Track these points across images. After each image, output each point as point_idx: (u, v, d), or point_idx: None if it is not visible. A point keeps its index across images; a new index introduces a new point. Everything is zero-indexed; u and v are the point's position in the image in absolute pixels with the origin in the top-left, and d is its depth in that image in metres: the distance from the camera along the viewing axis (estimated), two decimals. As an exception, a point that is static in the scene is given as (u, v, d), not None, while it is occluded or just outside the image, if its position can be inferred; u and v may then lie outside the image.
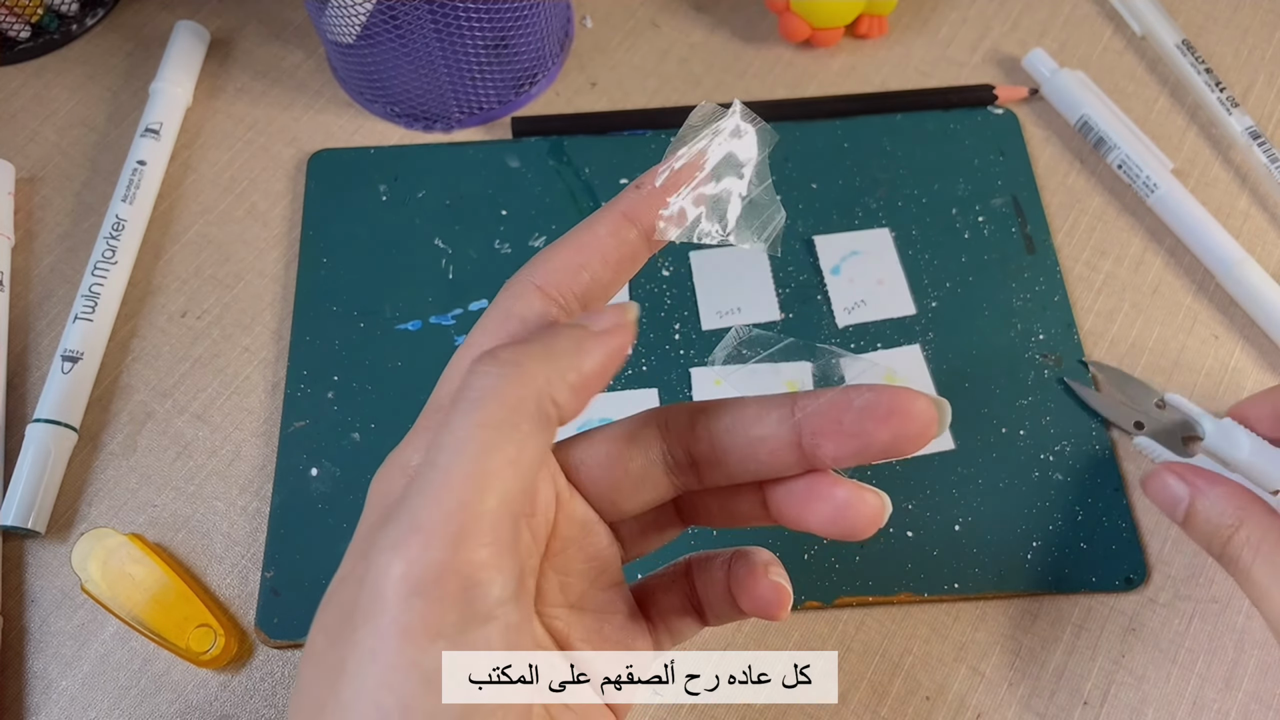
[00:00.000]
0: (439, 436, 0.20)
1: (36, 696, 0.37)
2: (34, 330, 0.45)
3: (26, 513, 0.39)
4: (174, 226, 0.48)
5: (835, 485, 0.24)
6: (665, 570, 0.28)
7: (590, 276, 0.23)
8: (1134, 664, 0.37)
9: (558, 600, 0.25)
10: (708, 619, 0.28)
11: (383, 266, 0.45)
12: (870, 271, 0.44)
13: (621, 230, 0.23)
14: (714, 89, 0.51)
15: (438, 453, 0.19)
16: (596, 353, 0.21)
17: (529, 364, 0.20)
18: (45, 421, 0.41)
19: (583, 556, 0.25)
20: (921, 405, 0.23)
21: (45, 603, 0.39)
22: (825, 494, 0.24)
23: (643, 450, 0.25)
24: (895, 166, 0.47)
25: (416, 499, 0.19)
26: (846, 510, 0.24)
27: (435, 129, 0.50)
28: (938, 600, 0.38)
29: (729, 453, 0.24)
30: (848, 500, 0.24)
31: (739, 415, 0.24)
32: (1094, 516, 0.39)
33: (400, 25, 0.44)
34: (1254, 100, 0.50)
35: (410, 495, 0.19)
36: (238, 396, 0.43)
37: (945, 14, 0.53)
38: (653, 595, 0.28)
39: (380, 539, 0.19)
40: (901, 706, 0.37)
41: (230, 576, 0.39)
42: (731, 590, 0.26)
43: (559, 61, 0.51)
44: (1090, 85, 0.48)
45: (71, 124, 0.51)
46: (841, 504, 0.24)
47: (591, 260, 0.23)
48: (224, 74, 0.52)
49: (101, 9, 0.54)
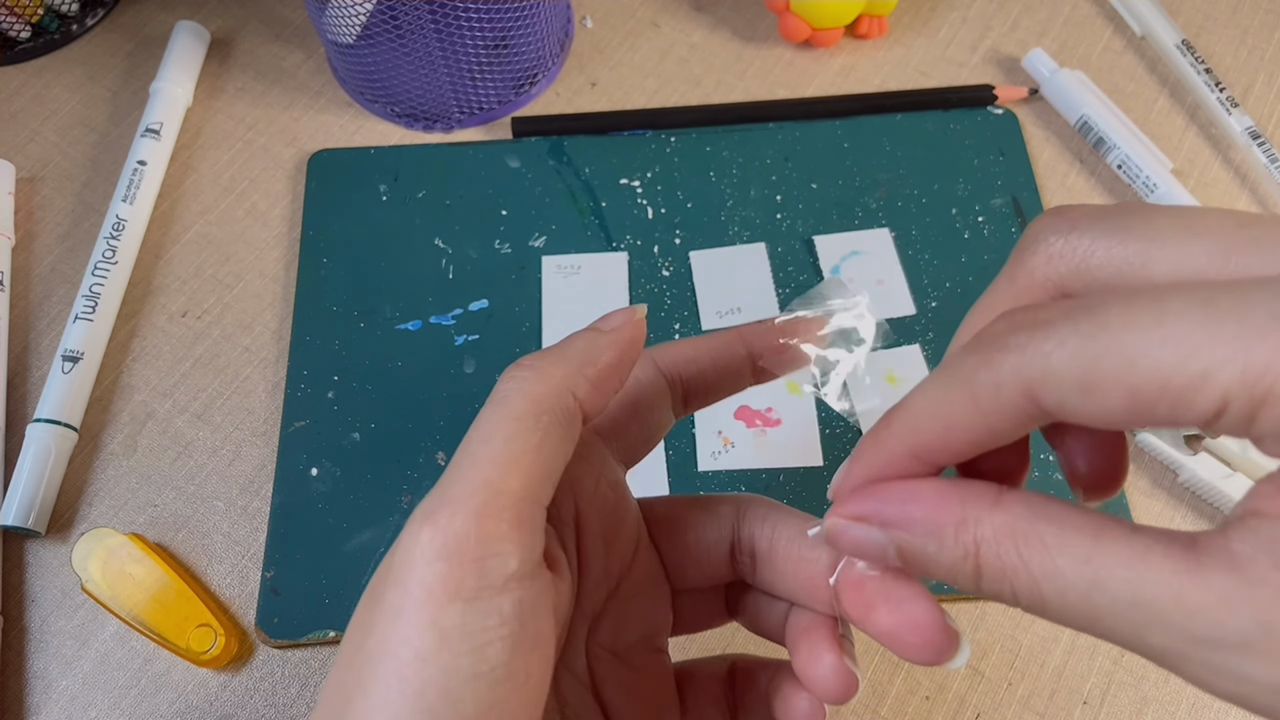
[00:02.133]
0: (472, 430, 0.22)
1: (37, 696, 0.37)
2: (34, 330, 0.45)
3: (27, 513, 0.39)
4: (174, 226, 0.48)
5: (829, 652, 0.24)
6: (708, 661, 0.29)
7: (698, 370, 0.26)
8: (1133, 664, 0.37)
9: (608, 642, 0.26)
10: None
11: (383, 266, 0.45)
12: (870, 271, 0.44)
13: (734, 346, 0.26)
14: (714, 89, 0.51)
15: (468, 443, 0.22)
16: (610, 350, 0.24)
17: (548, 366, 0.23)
18: (46, 421, 0.41)
19: (643, 608, 0.27)
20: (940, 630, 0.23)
21: (46, 602, 0.39)
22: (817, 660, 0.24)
23: (714, 523, 0.27)
24: (895, 166, 0.47)
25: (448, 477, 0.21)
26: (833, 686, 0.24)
27: (435, 129, 0.50)
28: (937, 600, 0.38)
29: (777, 557, 0.26)
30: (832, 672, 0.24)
31: (797, 530, 0.26)
32: (1094, 516, 0.39)
33: (400, 25, 0.44)
34: (1254, 100, 0.50)
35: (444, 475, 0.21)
36: (238, 396, 0.43)
37: (945, 14, 0.53)
38: (691, 679, 0.28)
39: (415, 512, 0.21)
40: (901, 706, 0.37)
41: (230, 576, 0.39)
42: (771, 701, 0.26)
43: (559, 61, 0.51)
44: (1090, 85, 0.48)
45: (72, 124, 0.51)
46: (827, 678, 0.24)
47: (702, 357, 0.26)
48: (224, 74, 0.52)
49: (102, 9, 0.54)
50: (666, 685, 0.28)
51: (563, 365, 0.23)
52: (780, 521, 0.26)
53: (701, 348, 0.27)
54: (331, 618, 0.38)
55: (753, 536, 0.26)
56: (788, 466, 0.40)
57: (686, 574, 0.27)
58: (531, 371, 0.23)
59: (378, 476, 0.40)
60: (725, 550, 0.27)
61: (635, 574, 0.26)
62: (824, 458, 0.40)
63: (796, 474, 0.40)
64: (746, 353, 0.27)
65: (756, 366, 0.27)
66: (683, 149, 0.48)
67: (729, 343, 0.27)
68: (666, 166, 0.47)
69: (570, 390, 0.23)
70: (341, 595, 0.38)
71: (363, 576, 0.38)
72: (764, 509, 0.26)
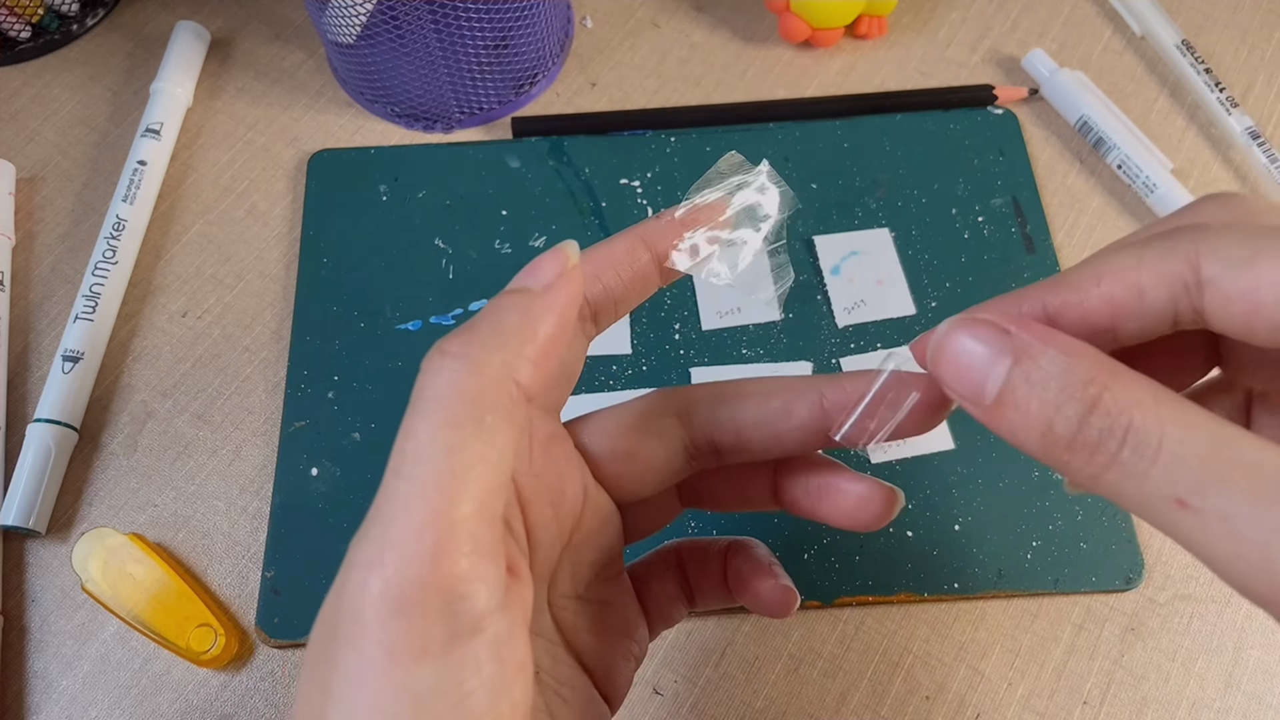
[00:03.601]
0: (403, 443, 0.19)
1: (37, 696, 0.37)
2: (35, 330, 0.45)
3: (27, 512, 0.39)
4: (174, 226, 0.48)
5: (853, 481, 0.25)
6: (655, 557, 0.28)
7: (603, 287, 0.23)
8: (1133, 663, 0.37)
9: (568, 590, 0.25)
10: (696, 603, 0.28)
11: (383, 266, 0.45)
12: (870, 271, 0.44)
13: (637, 251, 0.24)
14: (714, 89, 0.51)
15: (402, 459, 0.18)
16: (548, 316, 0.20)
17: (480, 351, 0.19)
18: (46, 421, 0.41)
19: (597, 547, 0.25)
20: (939, 393, 0.23)
21: (46, 602, 0.39)
22: (843, 488, 0.25)
23: (664, 443, 0.25)
24: (895, 166, 0.47)
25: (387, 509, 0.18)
26: (864, 505, 0.24)
27: (435, 129, 0.50)
28: (937, 600, 0.38)
29: (754, 442, 0.25)
30: (865, 495, 0.24)
31: (766, 409, 0.25)
32: (1093, 516, 0.39)
33: (400, 25, 0.44)
34: (1253, 100, 0.50)
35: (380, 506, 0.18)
36: (238, 396, 0.43)
37: (945, 14, 0.53)
38: (646, 583, 0.28)
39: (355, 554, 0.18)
40: (901, 706, 0.37)
41: (230, 576, 0.39)
42: (730, 584, 0.26)
43: (559, 62, 0.51)
44: (1090, 85, 0.48)
45: (72, 124, 0.51)
46: (858, 499, 0.24)
47: (605, 272, 0.23)
48: (224, 74, 0.52)
49: (102, 9, 0.54)
50: (630, 602, 0.27)
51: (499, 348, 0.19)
52: (737, 412, 0.25)
53: (603, 262, 0.23)
54: (332, 617, 0.38)
55: (711, 438, 0.25)
56: (788, 466, 0.40)
57: (642, 493, 0.25)
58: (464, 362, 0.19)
59: (378, 476, 0.40)
60: (681, 459, 0.25)
61: (586, 521, 0.24)
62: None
63: (796, 474, 0.40)
64: (650, 255, 0.24)
65: (663, 268, 0.24)
66: (683, 149, 0.48)
67: (630, 249, 0.24)
68: (666, 166, 0.47)
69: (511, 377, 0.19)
70: (342, 595, 0.38)
71: (363, 576, 0.38)
72: (709, 408, 0.25)
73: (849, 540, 0.39)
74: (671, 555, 0.28)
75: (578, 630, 0.25)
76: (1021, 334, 0.18)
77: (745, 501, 0.27)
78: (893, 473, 0.40)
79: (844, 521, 0.25)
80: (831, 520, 0.25)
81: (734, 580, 0.26)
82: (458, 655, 0.18)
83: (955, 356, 0.19)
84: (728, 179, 0.25)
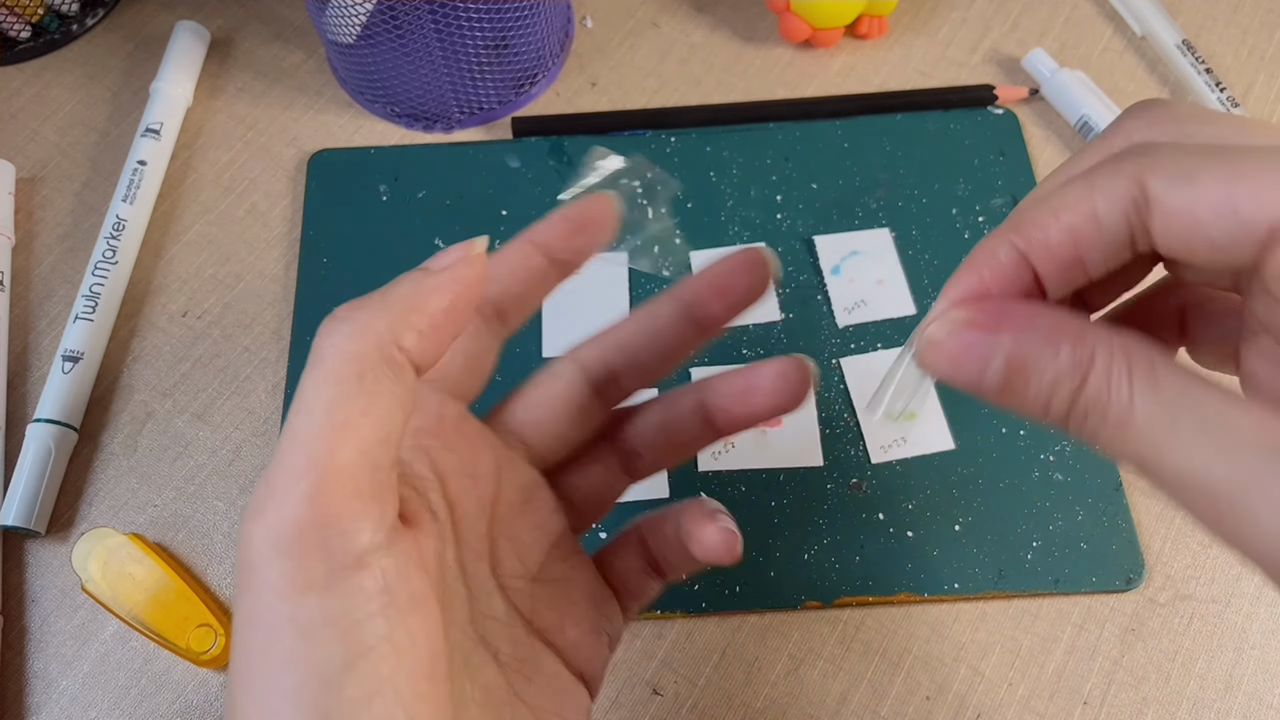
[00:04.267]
0: (294, 401, 0.20)
1: (37, 696, 0.37)
2: (35, 330, 0.45)
3: (27, 512, 0.39)
4: (174, 226, 0.48)
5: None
6: (618, 539, 0.29)
7: (501, 288, 0.26)
8: (1134, 664, 0.37)
9: (517, 570, 0.26)
10: (667, 575, 0.29)
11: (383, 266, 0.45)
12: (870, 272, 0.44)
13: (529, 253, 0.26)
14: (714, 89, 0.51)
15: (291, 415, 0.20)
16: (440, 293, 0.22)
17: (365, 316, 0.20)
18: (46, 421, 0.41)
19: (531, 523, 0.26)
20: None
21: (46, 602, 0.39)
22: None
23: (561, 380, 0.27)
24: (895, 166, 0.47)
25: (272, 463, 0.19)
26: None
27: (435, 129, 0.50)
28: (937, 600, 0.38)
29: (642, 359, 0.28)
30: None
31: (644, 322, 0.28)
32: (1094, 516, 0.39)
33: (400, 25, 0.44)
34: (1254, 100, 0.50)
35: (269, 464, 0.20)
36: (238, 396, 0.43)
37: (945, 14, 0.53)
38: (611, 564, 0.29)
39: (248, 507, 0.19)
40: (901, 706, 0.37)
41: (230, 576, 0.39)
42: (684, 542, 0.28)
43: (559, 62, 0.51)
44: (1090, 85, 0.48)
45: (72, 124, 0.51)
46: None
47: (502, 275, 0.26)
48: (224, 74, 0.52)
49: (102, 9, 0.54)
50: (594, 582, 0.28)
51: (384, 314, 0.21)
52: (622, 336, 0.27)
53: (499, 266, 0.26)
54: (331, 618, 0.38)
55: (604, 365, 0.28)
56: (788, 467, 0.40)
57: (555, 442, 0.27)
58: (348, 324, 0.20)
59: (378, 476, 0.40)
60: (582, 396, 0.27)
61: (506, 491, 0.26)
62: (824, 458, 0.40)
63: (797, 474, 0.40)
64: (543, 256, 0.26)
65: (559, 262, 0.26)
66: (683, 149, 0.48)
67: (523, 252, 0.26)
68: (666, 166, 0.47)
69: (394, 342, 0.20)
70: (341, 595, 0.38)
71: (363, 576, 0.38)
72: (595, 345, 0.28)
73: (849, 541, 0.39)
74: (633, 533, 0.29)
75: (538, 611, 0.26)
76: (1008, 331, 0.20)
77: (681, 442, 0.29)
78: (893, 473, 0.40)
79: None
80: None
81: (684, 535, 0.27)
82: (342, 588, 0.19)
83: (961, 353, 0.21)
84: (602, 172, 0.27)
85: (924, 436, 0.40)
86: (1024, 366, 0.20)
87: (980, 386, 0.21)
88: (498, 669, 0.24)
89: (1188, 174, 0.18)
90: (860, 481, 0.40)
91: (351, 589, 0.19)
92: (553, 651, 0.26)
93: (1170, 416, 0.18)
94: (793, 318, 0.43)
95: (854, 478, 0.40)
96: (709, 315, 0.27)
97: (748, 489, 0.40)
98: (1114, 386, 0.19)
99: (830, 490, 0.40)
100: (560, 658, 0.26)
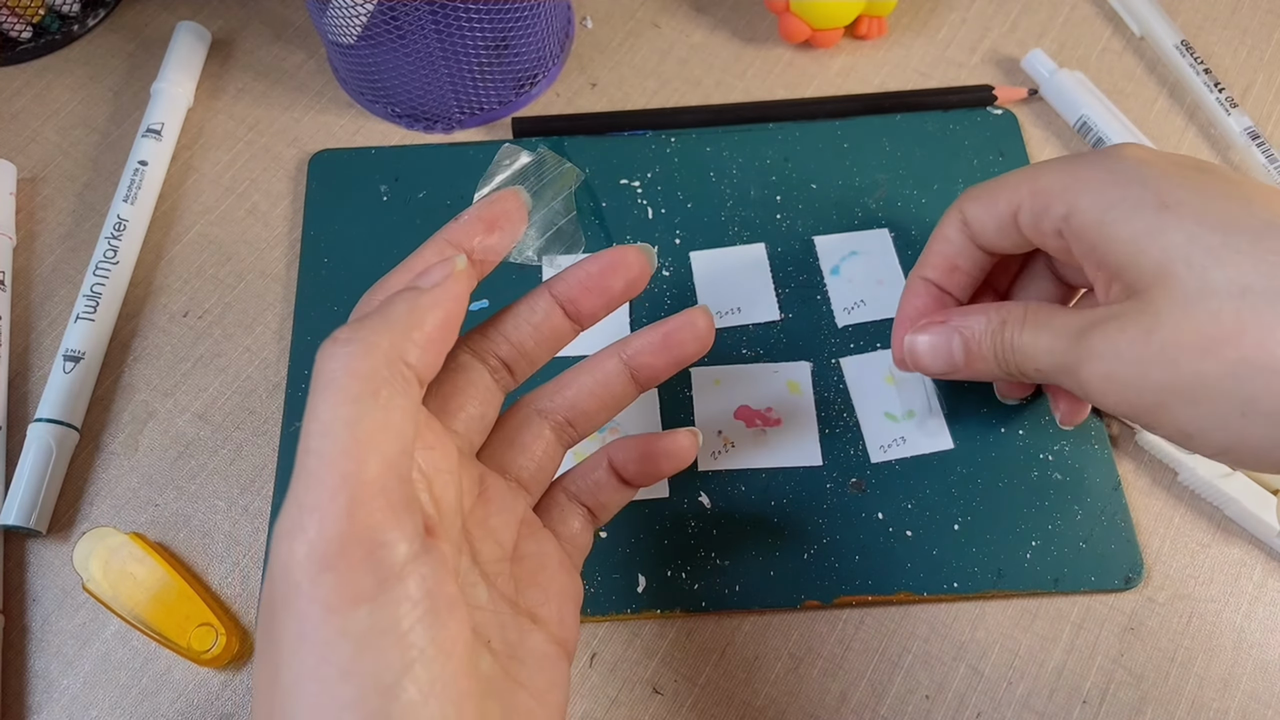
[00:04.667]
0: (308, 424, 0.20)
1: (38, 695, 0.37)
2: (36, 330, 0.45)
3: (28, 512, 0.39)
4: (175, 227, 0.48)
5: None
6: (545, 502, 0.31)
7: None
8: (1133, 663, 0.37)
9: (495, 554, 0.26)
10: (599, 518, 0.32)
11: (384, 267, 0.45)
12: (870, 272, 0.44)
13: (445, 253, 0.26)
14: (714, 89, 0.51)
15: (308, 438, 0.20)
16: (434, 310, 0.23)
17: (370, 335, 0.21)
18: (47, 421, 0.41)
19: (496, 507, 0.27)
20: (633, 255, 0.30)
21: (47, 602, 0.39)
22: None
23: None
24: (895, 167, 0.47)
25: (300, 484, 0.20)
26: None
27: (436, 129, 0.50)
28: (937, 600, 0.38)
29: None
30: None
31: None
32: (1093, 515, 0.39)
33: (401, 26, 0.44)
34: (1253, 101, 0.50)
35: (295, 482, 0.20)
36: (239, 396, 0.43)
37: (944, 15, 0.53)
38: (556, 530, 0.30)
39: (277, 529, 0.20)
40: (901, 706, 0.37)
41: (231, 576, 0.40)
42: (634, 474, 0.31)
43: (559, 62, 0.51)
44: (1089, 86, 0.48)
45: (73, 124, 0.51)
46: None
47: (421, 279, 0.26)
48: (225, 75, 0.52)
49: (103, 9, 0.54)
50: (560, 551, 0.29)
51: (388, 333, 0.22)
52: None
53: (415, 270, 0.26)
54: (332, 617, 0.38)
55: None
56: (788, 466, 0.40)
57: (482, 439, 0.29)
58: (353, 345, 0.21)
59: (378, 476, 0.40)
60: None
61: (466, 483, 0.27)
62: (823, 457, 0.40)
63: (796, 474, 0.40)
64: (461, 254, 0.26)
65: (475, 262, 0.27)
66: (683, 149, 0.48)
67: (439, 252, 0.27)
68: (666, 167, 0.47)
69: (400, 358, 0.21)
70: (342, 594, 0.38)
71: (363, 576, 0.38)
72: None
73: (849, 540, 0.39)
74: (557, 491, 0.31)
75: (520, 590, 0.27)
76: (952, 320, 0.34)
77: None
78: (892, 472, 0.40)
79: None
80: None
81: (639, 467, 0.30)
82: (389, 597, 0.19)
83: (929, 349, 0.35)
84: (511, 168, 0.27)
85: (923, 437, 0.40)
86: (970, 338, 0.33)
87: (954, 364, 0.34)
88: (492, 658, 0.24)
89: (976, 200, 0.34)
90: (860, 481, 0.40)
91: (399, 597, 0.19)
92: (538, 627, 0.26)
93: (1033, 333, 0.31)
94: (792, 317, 0.44)
95: (854, 477, 0.40)
96: (581, 313, 0.30)
97: (747, 488, 0.40)
98: (1009, 329, 0.32)
99: (830, 490, 0.40)
100: (544, 632, 0.26)
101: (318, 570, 0.19)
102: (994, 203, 0.32)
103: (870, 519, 0.39)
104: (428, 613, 0.20)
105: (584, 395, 0.31)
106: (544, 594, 0.27)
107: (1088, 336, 0.28)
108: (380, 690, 0.19)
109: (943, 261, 0.35)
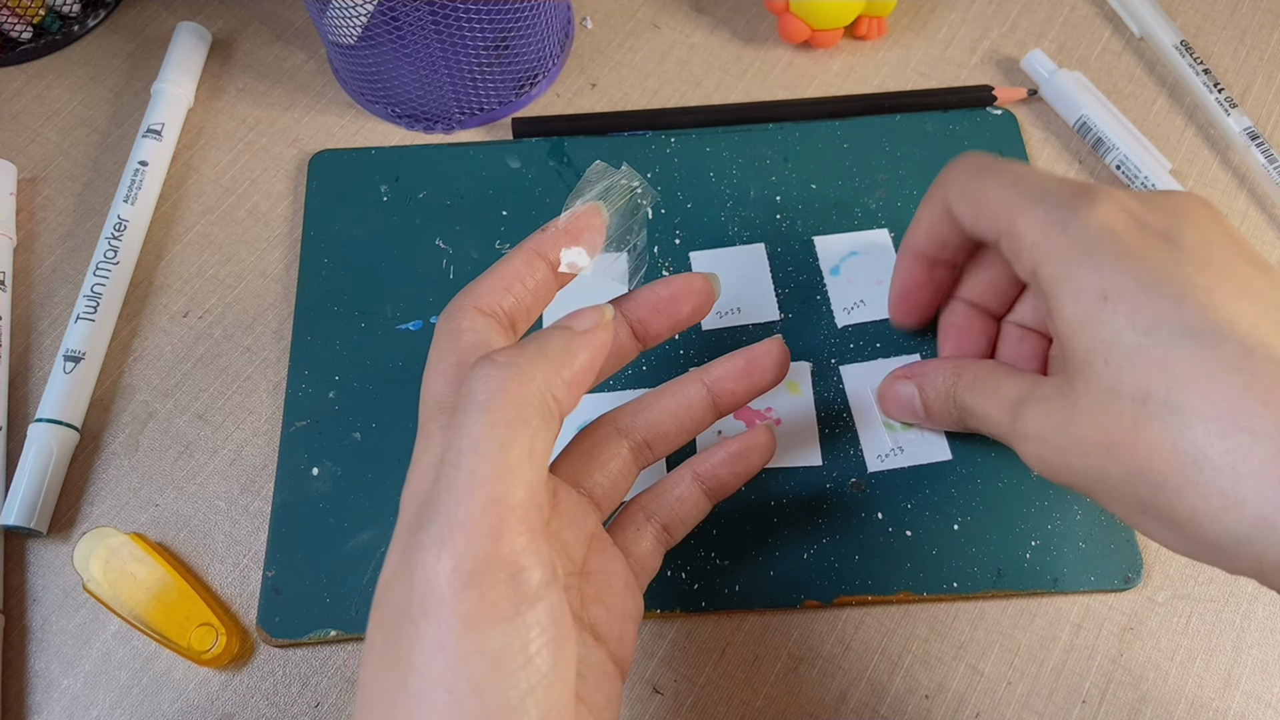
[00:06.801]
0: (455, 439, 0.21)
1: (38, 695, 0.37)
2: (36, 330, 0.45)
3: (28, 512, 0.39)
4: (176, 227, 0.48)
5: None
6: (623, 522, 0.32)
7: (514, 299, 0.27)
8: (1132, 663, 0.37)
9: (568, 568, 0.27)
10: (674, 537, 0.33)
11: (384, 267, 0.45)
12: (870, 272, 0.44)
13: (533, 262, 0.27)
14: (714, 90, 0.51)
15: (459, 454, 0.21)
16: (584, 352, 0.24)
17: (528, 365, 0.22)
18: (47, 421, 0.41)
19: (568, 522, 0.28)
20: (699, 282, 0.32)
21: (47, 602, 0.39)
22: None
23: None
24: (895, 167, 0.47)
25: (448, 498, 0.20)
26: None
27: (436, 130, 0.50)
28: (936, 599, 0.38)
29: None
30: None
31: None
32: (1092, 515, 0.39)
33: (401, 26, 0.44)
34: (1252, 101, 0.50)
35: (441, 495, 0.21)
36: (239, 396, 0.43)
37: (944, 15, 0.53)
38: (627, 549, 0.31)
39: (423, 538, 0.20)
40: (901, 705, 0.37)
41: (232, 575, 0.40)
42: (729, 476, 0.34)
43: (559, 62, 0.51)
44: (1089, 86, 0.48)
45: (73, 124, 0.51)
46: None
47: (513, 285, 0.27)
48: (225, 75, 0.52)
49: (103, 10, 0.54)
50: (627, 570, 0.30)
51: (543, 365, 0.22)
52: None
53: (510, 276, 0.27)
54: (332, 617, 0.38)
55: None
56: (787, 466, 0.40)
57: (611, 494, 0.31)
58: (511, 370, 0.22)
59: (379, 476, 0.41)
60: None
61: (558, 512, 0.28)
62: (823, 458, 0.40)
63: (796, 474, 0.40)
64: (547, 264, 0.28)
65: (557, 274, 0.28)
66: (683, 149, 0.48)
67: (528, 261, 0.27)
68: (666, 167, 0.48)
69: (550, 391, 0.22)
70: (342, 594, 0.38)
71: (364, 576, 0.38)
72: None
73: (849, 540, 0.39)
74: (638, 513, 0.32)
75: (587, 606, 0.27)
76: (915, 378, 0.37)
77: None
78: (892, 472, 0.40)
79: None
80: None
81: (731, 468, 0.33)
82: (522, 621, 0.20)
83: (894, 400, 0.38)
84: (596, 185, 0.29)
85: (923, 449, 0.40)
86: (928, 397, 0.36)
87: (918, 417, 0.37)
88: None
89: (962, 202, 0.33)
90: (860, 481, 0.40)
91: (530, 622, 0.20)
92: (599, 644, 0.27)
93: (981, 399, 0.33)
94: (792, 317, 0.44)
95: (853, 477, 0.40)
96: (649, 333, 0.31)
97: (747, 488, 0.40)
98: (960, 391, 0.34)
99: (830, 490, 0.40)
100: (604, 649, 0.27)
101: (462, 586, 0.20)
102: (976, 218, 0.32)
103: (870, 519, 0.39)
104: (553, 639, 0.21)
105: (665, 417, 0.31)
106: (608, 612, 0.27)
107: (1022, 414, 0.30)
108: (506, 709, 0.20)
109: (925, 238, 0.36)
